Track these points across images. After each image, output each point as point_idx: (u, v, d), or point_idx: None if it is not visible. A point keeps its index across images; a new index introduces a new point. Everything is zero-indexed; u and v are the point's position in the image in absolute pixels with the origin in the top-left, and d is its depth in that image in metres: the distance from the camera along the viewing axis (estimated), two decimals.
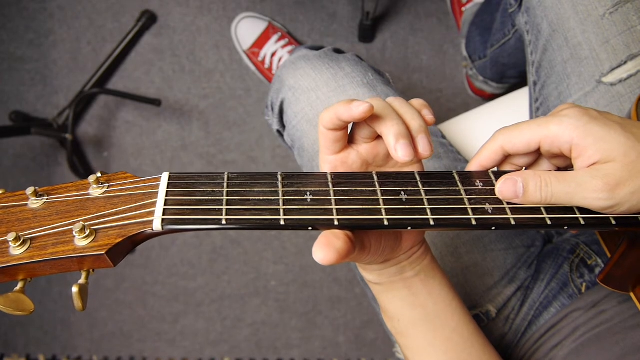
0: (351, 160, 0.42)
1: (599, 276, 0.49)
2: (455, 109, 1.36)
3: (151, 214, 0.35)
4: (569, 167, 0.42)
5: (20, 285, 0.34)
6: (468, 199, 0.39)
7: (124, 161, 1.39)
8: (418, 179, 0.40)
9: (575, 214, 0.39)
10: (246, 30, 1.33)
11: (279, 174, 0.39)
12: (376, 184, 0.39)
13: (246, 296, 1.36)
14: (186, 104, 1.38)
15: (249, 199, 0.37)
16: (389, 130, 0.39)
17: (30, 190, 0.36)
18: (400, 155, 0.38)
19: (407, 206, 0.38)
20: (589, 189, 0.37)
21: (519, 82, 1.19)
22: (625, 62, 0.62)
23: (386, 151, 0.43)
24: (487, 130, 0.83)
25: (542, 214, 0.38)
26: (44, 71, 1.40)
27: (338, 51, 0.73)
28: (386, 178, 0.40)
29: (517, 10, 0.75)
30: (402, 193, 0.39)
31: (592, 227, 0.39)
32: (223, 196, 0.37)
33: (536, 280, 0.67)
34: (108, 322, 1.38)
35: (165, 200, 0.36)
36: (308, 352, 1.34)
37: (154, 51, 1.39)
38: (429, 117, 0.42)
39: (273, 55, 1.30)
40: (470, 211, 0.38)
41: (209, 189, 0.37)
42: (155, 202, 0.36)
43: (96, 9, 1.40)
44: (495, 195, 0.39)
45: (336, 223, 0.36)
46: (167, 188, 0.37)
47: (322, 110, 0.65)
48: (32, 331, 1.39)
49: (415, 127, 0.40)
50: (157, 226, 0.35)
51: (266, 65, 1.32)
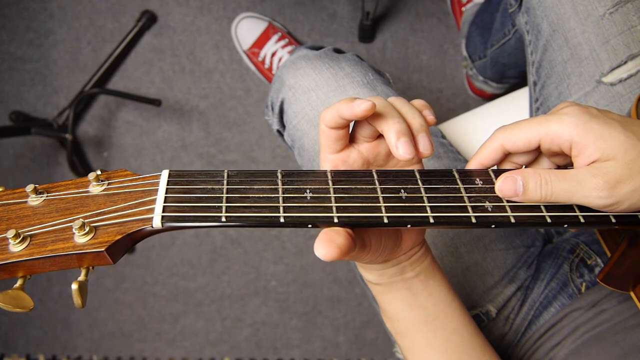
0: (352, 159, 0.42)
1: (599, 275, 0.49)
2: (455, 109, 1.36)
3: (151, 211, 0.35)
4: (568, 165, 0.42)
5: (19, 282, 0.34)
6: (468, 196, 0.39)
7: (124, 161, 1.39)
8: (418, 176, 0.40)
9: (575, 212, 0.39)
10: (246, 30, 1.33)
11: (279, 171, 0.39)
12: (376, 181, 0.39)
13: (246, 296, 1.36)
14: (186, 104, 1.38)
15: (248, 197, 0.37)
16: (390, 128, 0.39)
17: (29, 188, 0.36)
18: (401, 152, 0.38)
19: (406, 204, 0.38)
20: (589, 187, 0.37)
21: (519, 82, 1.19)
22: (625, 62, 0.62)
23: (387, 150, 0.43)
24: (487, 130, 0.83)
25: (542, 212, 0.38)
26: (44, 71, 1.40)
27: (338, 51, 0.73)
28: (386, 176, 0.40)
29: (517, 10, 0.75)
30: (402, 191, 0.39)
31: (592, 225, 0.39)
32: (223, 193, 0.37)
33: (536, 280, 0.67)
34: (108, 322, 1.38)
35: (165, 197, 0.36)
36: (308, 352, 1.34)
37: (154, 51, 1.39)
38: (430, 117, 0.42)
39: (273, 55, 1.30)
40: (470, 209, 0.38)
41: (208, 187, 0.37)
42: (155, 200, 0.36)
43: (96, 9, 1.40)
44: (495, 193, 0.39)
45: (336, 220, 0.36)
46: (167, 185, 0.37)
47: (322, 109, 0.65)
48: (32, 331, 1.39)
49: (416, 126, 0.40)
50: (156, 223, 0.35)
51: (266, 65, 1.32)
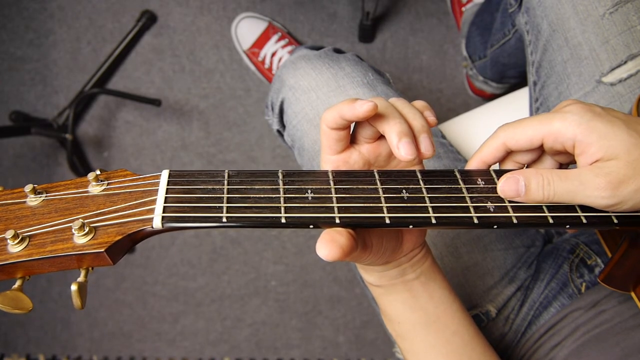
0: (353, 160, 0.42)
1: (600, 276, 0.49)
2: (455, 109, 1.35)
3: (151, 211, 0.35)
4: (571, 163, 0.42)
5: (18, 283, 0.34)
6: (470, 197, 0.39)
7: (124, 161, 1.39)
8: (419, 176, 0.40)
9: (578, 212, 0.39)
10: (246, 30, 1.33)
11: (280, 171, 0.39)
12: (377, 181, 0.39)
13: (246, 296, 1.36)
14: (186, 104, 1.38)
15: (249, 197, 0.36)
16: (392, 129, 0.38)
17: (28, 188, 0.35)
18: (403, 153, 0.38)
19: (408, 204, 0.38)
20: (591, 187, 0.36)
21: (519, 82, 1.19)
22: (625, 62, 0.62)
23: (388, 151, 0.43)
24: (487, 130, 0.83)
25: (544, 212, 0.38)
26: (44, 71, 1.40)
27: (338, 51, 0.73)
28: (387, 176, 0.39)
29: (517, 10, 0.75)
30: (404, 191, 0.38)
31: (594, 226, 0.39)
32: (223, 194, 0.36)
33: (536, 280, 0.67)
34: (108, 322, 1.38)
35: (166, 197, 0.36)
36: (308, 352, 1.34)
37: (154, 51, 1.38)
38: (431, 118, 0.42)
39: (273, 55, 1.30)
40: (472, 209, 0.38)
41: (209, 187, 0.37)
42: (155, 200, 0.35)
43: (96, 9, 1.40)
44: (497, 194, 0.39)
45: (337, 221, 0.36)
46: (167, 185, 0.37)
47: (322, 109, 0.66)
48: (32, 331, 1.39)
49: (418, 126, 0.40)
50: (157, 224, 0.34)
51: (266, 65, 1.31)
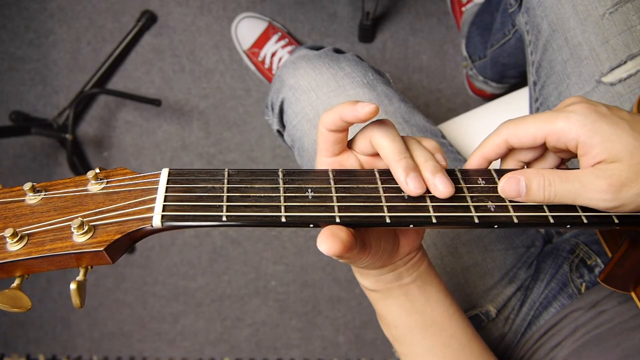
0: (349, 164, 0.42)
1: (600, 276, 0.49)
2: (455, 109, 1.35)
3: (151, 210, 0.35)
4: (574, 157, 0.42)
5: (17, 281, 0.34)
6: (470, 196, 0.39)
7: (123, 161, 1.39)
8: None
9: (578, 212, 0.38)
10: (246, 30, 1.33)
11: (280, 170, 0.39)
12: (378, 180, 0.39)
13: (246, 296, 1.35)
14: (186, 104, 1.38)
15: (249, 196, 0.36)
16: (398, 165, 0.38)
17: (27, 186, 0.35)
18: (412, 188, 0.37)
19: (409, 203, 0.37)
20: (593, 190, 0.36)
21: (519, 82, 1.19)
22: (625, 62, 0.62)
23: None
24: (487, 130, 0.83)
25: (545, 212, 0.38)
26: (44, 71, 1.40)
27: (338, 51, 0.73)
28: (388, 175, 0.39)
29: (517, 10, 0.75)
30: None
31: (595, 226, 0.39)
32: (223, 192, 0.36)
33: (536, 280, 0.66)
34: (108, 322, 1.38)
35: (165, 196, 0.36)
36: (308, 352, 1.34)
37: (154, 51, 1.38)
38: (443, 163, 0.40)
39: (273, 55, 1.30)
40: (472, 209, 0.38)
41: (209, 186, 0.37)
42: (154, 198, 0.35)
43: (96, 9, 1.40)
44: (498, 193, 0.39)
45: (338, 220, 0.36)
46: (167, 184, 0.36)
47: (322, 109, 0.65)
48: (32, 331, 1.39)
49: (431, 168, 0.39)
50: (156, 222, 0.34)
51: (266, 65, 1.31)
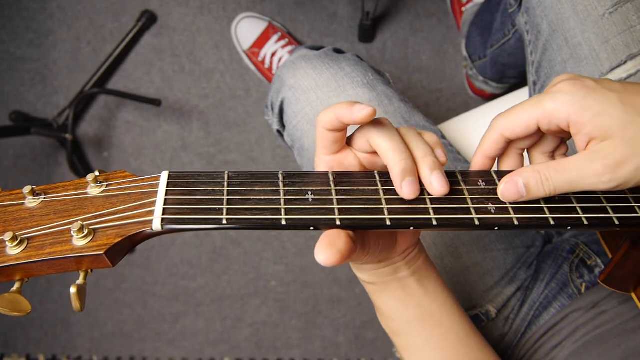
0: (348, 162, 0.42)
1: (600, 276, 0.49)
2: (455, 109, 1.35)
3: (150, 213, 0.35)
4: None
5: (17, 285, 0.33)
6: (471, 198, 0.38)
7: (124, 161, 1.39)
8: None
9: (579, 213, 0.38)
10: (246, 30, 1.33)
11: (280, 173, 0.38)
12: (378, 183, 0.39)
13: (246, 296, 1.35)
14: (186, 104, 1.38)
15: (249, 199, 0.36)
16: (396, 166, 0.37)
17: (27, 189, 0.35)
18: (406, 192, 0.37)
19: (409, 206, 0.37)
20: (590, 175, 0.36)
21: (519, 82, 1.19)
22: (625, 62, 0.62)
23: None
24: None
25: (546, 214, 0.38)
26: (44, 71, 1.40)
27: (338, 51, 0.72)
28: (388, 177, 0.39)
29: (517, 10, 0.75)
30: None
31: (595, 228, 0.39)
32: (223, 195, 0.36)
33: (536, 280, 0.66)
34: (108, 322, 1.38)
35: (165, 199, 0.35)
36: (308, 352, 1.34)
37: (154, 51, 1.38)
38: (442, 159, 0.40)
39: (273, 55, 1.30)
40: (473, 211, 0.38)
41: (209, 188, 0.37)
42: (154, 202, 0.35)
43: (96, 9, 1.40)
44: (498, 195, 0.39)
45: (338, 223, 0.36)
46: (167, 187, 0.36)
47: (322, 110, 0.65)
48: (32, 331, 1.39)
49: (429, 163, 0.38)
50: (156, 226, 0.34)
51: (266, 65, 1.31)
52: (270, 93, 0.73)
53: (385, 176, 0.39)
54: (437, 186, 0.38)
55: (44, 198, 0.36)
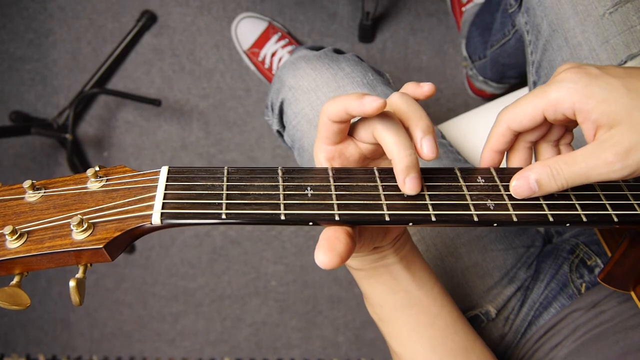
0: (349, 152, 0.41)
1: (600, 275, 0.49)
2: (455, 109, 1.35)
3: (150, 207, 0.35)
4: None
5: (16, 279, 0.34)
6: (470, 194, 0.39)
7: (123, 161, 1.39)
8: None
9: (578, 210, 0.38)
10: (246, 30, 1.33)
11: (279, 168, 0.39)
12: (377, 179, 0.39)
13: (246, 296, 1.35)
14: (186, 104, 1.38)
15: (249, 194, 0.36)
16: (401, 160, 0.37)
17: (27, 184, 0.35)
18: (408, 189, 0.37)
19: (408, 201, 0.37)
20: (600, 165, 0.35)
21: (519, 82, 1.19)
22: (625, 62, 0.62)
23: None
24: (487, 130, 0.83)
25: (545, 210, 0.38)
26: (44, 71, 1.40)
27: (338, 51, 0.73)
28: (388, 173, 0.39)
29: (517, 10, 0.75)
30: None
31: (594, 224, 0.39)
32: (223, 190, 0.36)
33: (536, 280, 0.66)
34: (108, 322, 1.37)
35: (165, 194, 0.36)
36: (308, 352, 1.34)
37: (154, 51, 1.38)
38: (425, 88, 0.41)
39: (273, 55, 1.30)
40: (472, 207, 0.38)
41: (208, 183, 0.37)
42: (154, 196, 0.35)
43: (96, 9, 1.40)
44: (497, 191, 0.39)
45: (337, 218, 0.36)
46: (167, 182, 0.37)
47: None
48: (32, 331, 1.39)
49: (423, 127, 0.38)
50: (156, 220, 0.34)
51: (266, 65, 1.31)
52: (270, 93, 0.73)
53: (384, 172, 0.39)
54: (427, 151, 0.37)
55: (44, 192, 0.36)
